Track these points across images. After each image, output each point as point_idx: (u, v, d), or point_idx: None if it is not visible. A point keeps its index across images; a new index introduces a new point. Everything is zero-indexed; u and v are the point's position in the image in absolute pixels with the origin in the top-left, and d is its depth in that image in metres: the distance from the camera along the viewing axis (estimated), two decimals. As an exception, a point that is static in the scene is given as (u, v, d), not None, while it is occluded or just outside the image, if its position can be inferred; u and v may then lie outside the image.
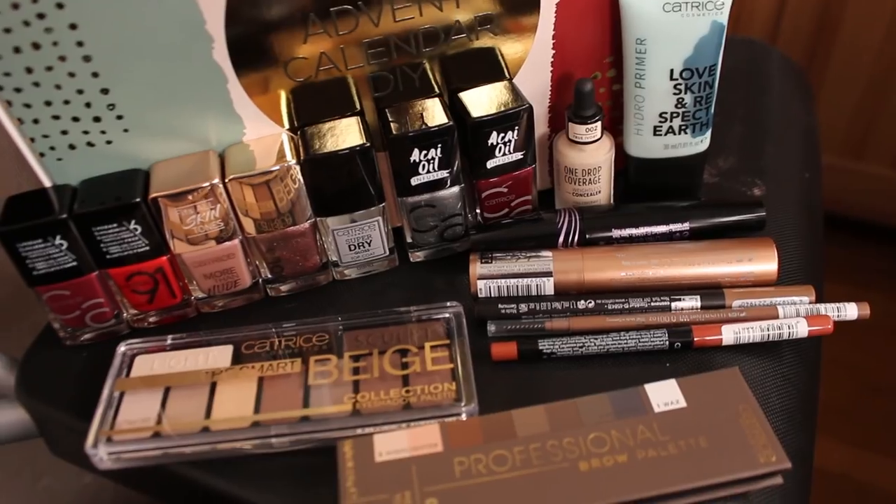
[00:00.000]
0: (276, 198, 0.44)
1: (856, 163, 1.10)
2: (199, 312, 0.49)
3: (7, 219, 0.43)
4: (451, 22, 0.43)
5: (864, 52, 0.99)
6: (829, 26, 0.99)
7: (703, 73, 0.45)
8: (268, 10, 0.40)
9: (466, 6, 0.43)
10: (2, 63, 0.39)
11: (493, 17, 0.44)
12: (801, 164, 0.55)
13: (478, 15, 0.43)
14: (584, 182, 0.47)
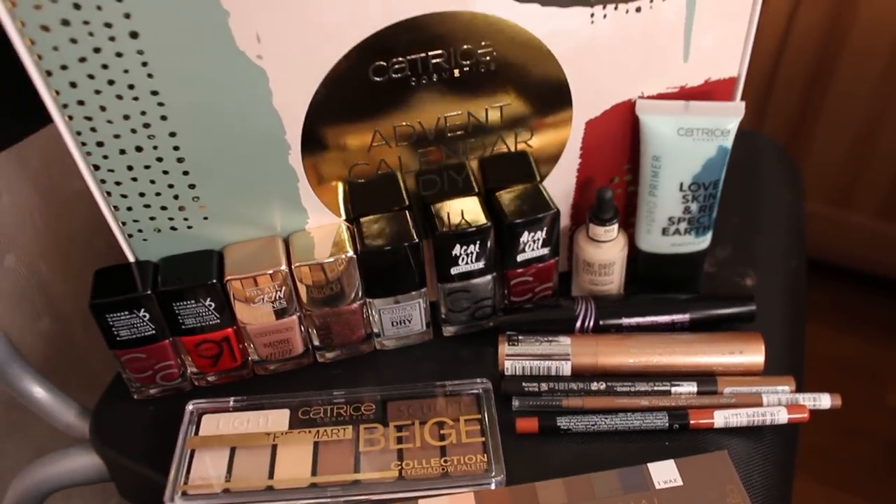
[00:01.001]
0: (333, 282, 0.50)
1: (841, 212, 1.17)
2: (253, 374, 0.55)
3: (98, 292, 0.49)
4: (495, 136, 0.50)
5: (854, 104, 1.06)
6: (821, 77, 1.06)
7: (709, 187, 0.52)
8: (340, 127, 0.47)
9: (510, 126, 0.50)
10: (108, 161, 0.45)
11: (532, 131, 0.50)
12: (789, 253, 0.63)
13: (519, 130, 0.50)
14: (599, 274, 0.54)
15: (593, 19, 0.46)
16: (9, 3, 0.39)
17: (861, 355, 1.16)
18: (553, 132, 0.50)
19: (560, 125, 0.50)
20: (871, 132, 1.07)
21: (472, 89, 0.47)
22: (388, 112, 0.47)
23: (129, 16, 0.40)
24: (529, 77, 0.47)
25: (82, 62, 0.41)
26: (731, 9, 0.48)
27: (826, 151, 1.12)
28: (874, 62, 1.02)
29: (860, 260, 1.20)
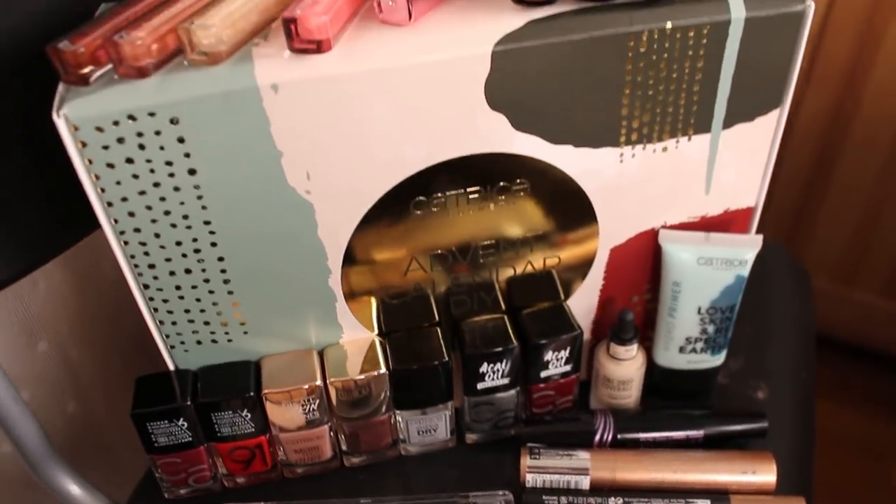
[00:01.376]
0: (365, 395, 0.52)
1: (846, 289, 1.20)
2: (282, 476, 0.57)
3: (139, 401, 0.51)
4: (525, 259, 0.52)
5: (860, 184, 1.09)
6: (826, 161, 1.10)
7: (725, 311, 0.54)
8: (379, 254, 0.49)
9: (539, 251, 0.52)
10: (157, 281, 0.48)
11: (559, 256, 0.53)
12: (799, 364, 0.65)
13: (547, 254, 0.53)
14: (618, 389, 0.56)
15: (622, 158, 0.49)
16: (79, 143, 0.41)
17: (864, 432, 1.18)
18: (579, 257, 0.53)
19: (586, 251, 0.53)
20: (876, 210, 1.11)
21: (505, 219, 0.50)
22: (425, 241, 0.49)
23: (188, 155, 0.43)
24: (560, 209, 0.50)
25: (142, 195, 0.44)
26: (751, 146, 0.51)
27: (832, 229, 1.15)
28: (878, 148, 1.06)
29: (864, 337, 1.22)
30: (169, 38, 0.42)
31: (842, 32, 1.03)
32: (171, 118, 0.41)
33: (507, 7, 0.44)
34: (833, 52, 1.04)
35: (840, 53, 1.05)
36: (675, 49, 0.45)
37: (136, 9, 0.44)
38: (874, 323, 1.22)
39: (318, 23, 0.40)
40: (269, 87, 0.41)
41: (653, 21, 0.44)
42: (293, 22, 0.40)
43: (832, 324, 1.20)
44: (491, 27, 0.43)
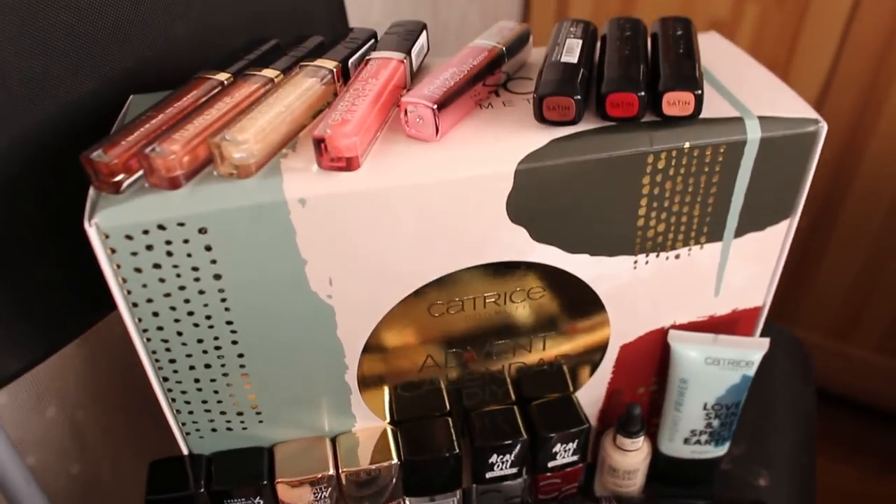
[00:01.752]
0: (376, 484, 0.53)
1: (842, 344, 1.22)
2: (290, 557, 0.57)
3: (153, 487, 0.52)
4: (537, 355, 0.53)
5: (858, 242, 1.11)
6: (827, 215, 1.11)
7: (731, 407, 0.55)
8: (395, 352, 0.50)
9: (551, 347, 0.53)
10: (177, 375, 0.48)
11: (571, 357, 0.54)
12: (799, 448, 0.66)
13: (559, 351, 0.54)
14: (623, 478, 0.57)
15: (636, 265, 0.50)
16: (108, 250, 0.42)
17: (858, 486, 1.19)
18: (589, 353, 0.54)
19: (597, 347, 0.54)
20: (873, 267, 1.13)
21: (520, 319, 0.51)
22: (440, 339, 0.50)
23: (215, 261, 0.44)
24: (573, 309, 0.51)
25: (167, 297, 0.45)
26: (761, 253, 0.52)
27: (829, 285, 1.16)
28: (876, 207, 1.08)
29: (858, 391, 1.24)
30: (200, 149, 0.43)
31: (844, 94, 1.05)
32: (200, 228, 0.42)
33: (529, 124, 0.45)
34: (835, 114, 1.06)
35: (842, 115, 1.07)
36: (692, 165, 0.46)
37: (167, 114, 0.45)
38: (868, 377, 1.24)
39: (347, 143, 0.41)
40: (297, 201, 0.42)
41: (672, 141, 0.45)
42: (323, 141, 0.41)
43: (827, 377, 1.22)
44: (515, 145, 0.44)
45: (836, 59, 1.07)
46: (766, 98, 0.48)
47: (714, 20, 1.13)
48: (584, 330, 0.53)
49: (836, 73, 1.08)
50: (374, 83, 0.45)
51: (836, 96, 1.09)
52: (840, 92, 1.08)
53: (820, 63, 1.08)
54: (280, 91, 0.45)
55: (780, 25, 1.08)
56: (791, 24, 1.07)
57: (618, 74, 0.44)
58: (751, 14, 1.10)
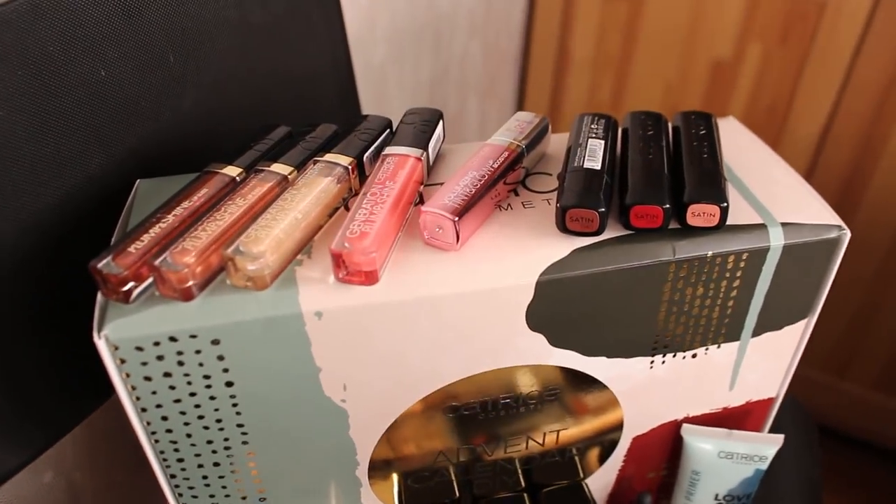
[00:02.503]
0: (384, 575, 0.53)
1: (839, 381, 1.22)
2: None
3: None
4: (548, 448, 0.53)
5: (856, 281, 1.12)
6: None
7: (742, 498, 0.55)
8: (407, 449, 0.49)
9: (564, 439, 0.53)
10: (185, 472, 0.47)
11: (582, 448, 0.53)
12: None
13: (571, 446, 0.53)
14: (633, 564, 0.57)
15: (652, 365, 0.49)
16: (118, 360, 0.41)
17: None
18: (601, 444, 0.53)
19: (609, 439, 0.53)
20: (870, 307, 1.13)
21: (534, 416, 0.50)
22: (453, 438, 0.49)
23: (227, 370, 0.42)
24: (587, 408, 0.50)
25: (177, 402, 0.43)
26: (777, 350, 0.51)
27: (827, 322, 1.17)
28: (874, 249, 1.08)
29: (854, 428, 1.25)
30: (213, 257, 0.42)
31: (846, 134, 1.05)
32: (213, 339, 0.41)
33: (550, 231, 0.44)
34: (835, 154, 1.06)
35: (842, 155, 1.06)
36: (713, 272, 0.45)
37: (178, 216, 0.44)
38: (865, 414, 1.24)
39: (367, 259, 0.40)
40: (313, 313, 0.41)
41: (695, 251, 0.44)
42: (341, 256, 0.40)
43: (823, 413, 1.22)
44: (536, 255, 0.43)
45: (838, 98, 1.07)
46: (789, 201, 0.47)
47: (717, 60, 1.12)
48: (596, 423, 0.52)
49: (837, 112, 1.08)
50: (391, 186, 0.44)
51: (838, 136, 1.08)
52: (841, 132, 1.07)
53: (822, 103, 1.08)
54: (294, 192, 0.44)
55: (782, 65, 1.07)
56: (794, 64, 1.06)
57: (642, 185, 0.43)
58: (753, 54, 1.09)
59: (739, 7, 1.06)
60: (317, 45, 0.63)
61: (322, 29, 0.63)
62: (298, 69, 0.61)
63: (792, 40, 1.06)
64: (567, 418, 0.51)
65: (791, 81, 1.08)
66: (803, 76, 1.07)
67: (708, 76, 1.14)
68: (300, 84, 0.62)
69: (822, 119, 1.09)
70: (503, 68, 1.19)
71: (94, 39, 0.46)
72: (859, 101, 1.05)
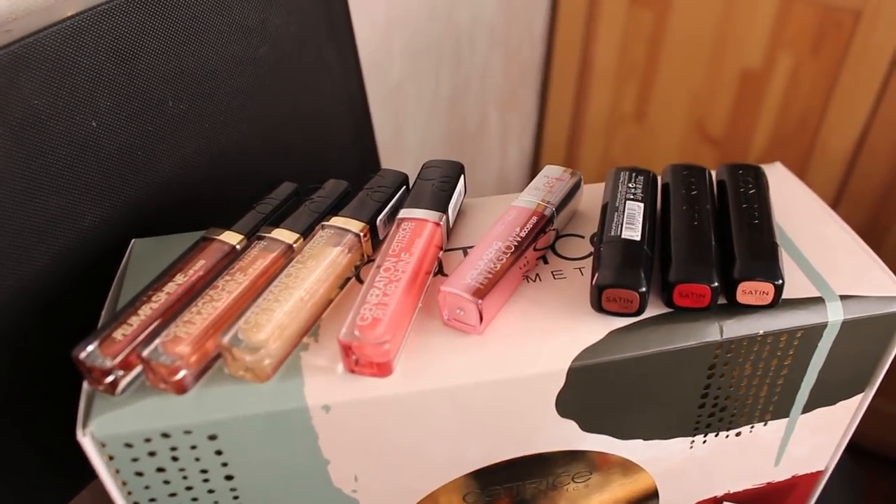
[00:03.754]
0: None
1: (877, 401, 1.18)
2: None
3: None
4: None
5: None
6: None
7: (787, 578, 0.50)
8: None
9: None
10: None
11: None
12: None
13: None
14: None
15: (692, 445, 0.45)
16: (106, 457, 0.37)
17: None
18: None
19: None
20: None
21: (564, 500, 0.46)
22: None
23: (226, 464, 0.39)
24: (621, 489, 0.46)
25: (172, 496, 0.40)
26: (829, 424, 0.47)
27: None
28: None
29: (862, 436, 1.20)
30: (210, 343, 0.37)
31: (882, 145, 0.99)
32: (209, 435, 0.37)
33: (583, 308, 0.40)
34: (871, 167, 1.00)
35: (878, 168, 1.01)
36: (763, 351, 0.41)
37: (171, 295, 0.40)
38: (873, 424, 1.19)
39: (379, 350, 0.36)
40: (320, 407, 0.37)
41: (745, 331, 0.39)
42: (350, 348, 0.36)
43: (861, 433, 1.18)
44: (568, 338, 0.38)
45: (874, 110, 1.01)
46: (848, 270, 0.42)
47: (746, 70, 1.06)
48: (629, 497, 0.48)
49: (873, 124, 1.02)
50: (407, 259, 0.39)
51: (873, 148, 1.03)
52: (877, 144, 1.02)
53: (857, 114, 1.03)
54: (300, 267, 0.40)
55: (815, 75, 1.02)
56: (827, 74, 1.00)
57: (688, 260, 0.39)
58: (784, 63, 1.03)
59: (770, 15, 1.01)
60: (329, 78, 0.58)
61: (334, 62, 0.58)
62: (309, 105, 0.57)
63: (825, 50, 1.00)
64: (598, 499, 0.47)
65: (824, 92, 1.03)
66: (837, 87, 1.02)
67: (736, 86, 1.08)
68: (311, 121, 0.58)
69: (856, 131, 1.03)
70: (525, 79, 1.14)
71: (84, 89, 0.42)
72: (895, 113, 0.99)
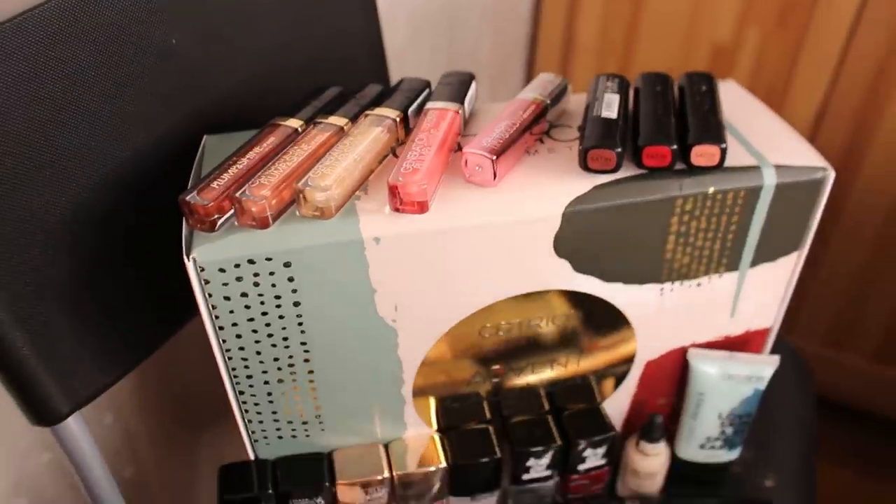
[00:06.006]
0: (425, 485, 0.59)
1: (837, 353, 1.29)
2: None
3: (225, 488, 0.58)
4: (570, 371, 0.60)
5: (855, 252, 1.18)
6: (823, 230, 1.18)
7: (743, 417, 0.62)
8: (446, 368, 0.56)
9: (585, 363, 0.60)
10: (252, 388, 0.54)
11: (600, 371, 0.60)
12: (803, 453, 0.73)
13: (590, 368, 0.60)
14: (644, 479, 0.64)
15: (663, 292, 0.56)
16: (203, 281, 0.48)
17: (853, 489, 1.27)
18: (617, 369, 0.60)
19: (624, 364, 0.60)
20: (869, 279, 1.19)
21: (559, 340, 0.57)
22: (488, 358, 0.56)
23: (295, 291, 0.49)
24: (605, 332, 0.57)
25: (250, 321, 0.50)
26: (773, 281, 0.58)
27: (826, 295, 1.23)
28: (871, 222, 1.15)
29: (853, 398, 1.31)
30: (286, 192, 0.49)
31: (842, 111, 1.11)
32: (285, 262, 0.48)
33: (573, 170, 0.51)
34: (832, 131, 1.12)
35: (839, 132, 1.13)
36: (714, 207, 0.52)
37: (251, 159, 0.51)
38: (863, 385, 1.30)
39: (419, 189, 0.47)
40: (371, 239, 0.48)
41: (698, 187, 0.51)
42: (397, 188, 0.47)
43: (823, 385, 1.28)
44: (562, 190, 0.50)
45: (833, 79, 1.13)
46: (780, 147, 0.54)
47: (717, 45, 1.19)
48: (613, 348, 0.59)
49: (833, 93, 1.14)
50: (435, 133, 0.51)
51: (834, 116, 1.15)
52: (837, 112, 1.14)
53: (818, 84, 1.15)
54: (351, 139, 0.51)
55: (780, 48, 1.14)
56: (790, 47, 1.13)
57: (653, 129, 0.50)
58: (752, 38, 1.16)
59: (738, -7, 1.14)
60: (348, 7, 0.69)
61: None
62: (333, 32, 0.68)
63: (789, 24, 1.13)
64: (587, 342, 0.58)
65: (788, 64, 1.15)
66: (800, 59, 1.14)
67: (709, 61, 1.21)
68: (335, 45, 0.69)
69: (818, 100, 1.15)
70: (512, 55, 1.26)
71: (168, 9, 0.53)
72: (854, 82, 1.12)
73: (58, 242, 0.50)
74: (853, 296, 1.22)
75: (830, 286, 1.22)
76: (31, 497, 0.71)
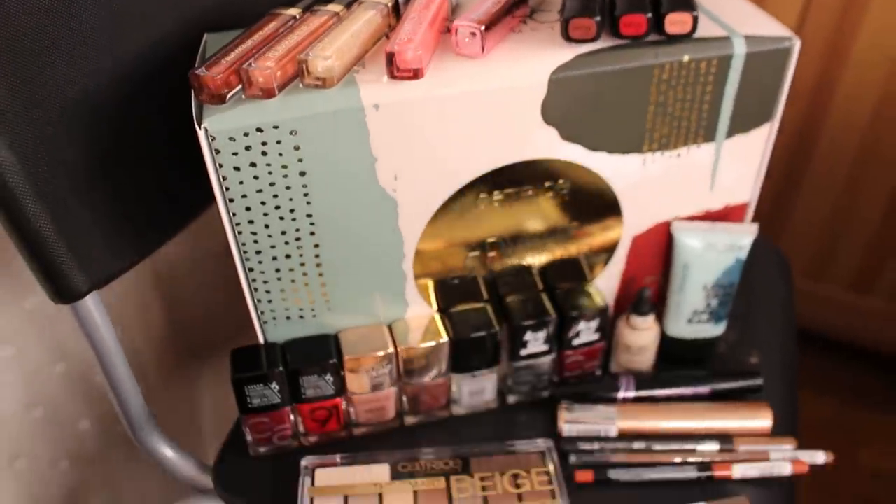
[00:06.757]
0: (428, 361, 0.63)
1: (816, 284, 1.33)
2: (350, 436, 0.67)
3: (238, 368, 0.61)
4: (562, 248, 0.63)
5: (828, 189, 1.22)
6: (798, 164, 1.22)
7: (727, 287, 0.66)
8: (445, 241, 0.60)
9: (575, 240, 0.63)
10: (261, 265, 0.57)
11: (591, 248, 0.64)
12: (784, 334, 0.77)
13: (581, 245, 0.64)
14: (636, 354, 0.68)
15: (645, 162, 0.60)
16: (214, 150, 0.51)
17: (835, 417, 1.31)
18: (606, 244, 0.64)
19: (612, 239, 0.64)
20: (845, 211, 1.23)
21: (550, 212, 0.60)
22: (483, 230, 0.60)
23: (301, 160, 0.53)
24: (593, 204, 0.61)
25: (258, 192, 0.54)
26: (747, 153, 0.62)
27: (803, 228, 1.27)
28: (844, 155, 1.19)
29: (833, 329, 1.36)
30: (289, 66, 0.52)
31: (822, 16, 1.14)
32: (291, 130, 0.51)
33: (557, 43, 0.54)
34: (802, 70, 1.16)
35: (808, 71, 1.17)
36: (689, 76, 0.56)
37: (254, 41, 0.54)
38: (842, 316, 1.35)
39: (414, 56, 0.50)
40: (371, 106, 0.51)
41: (673, 55, 0.55)
42: (393, 55, 0.50)
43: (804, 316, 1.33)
44: (547, 59, 0.53)
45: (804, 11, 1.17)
46: (748, 21, 0.58)
47: None
48: (602, 223, 0.63)
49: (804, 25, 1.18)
50: (426, 13, 0.54)
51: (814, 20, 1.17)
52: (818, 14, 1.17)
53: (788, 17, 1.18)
54: (347, 21, 0.54)
55: None
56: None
57: (628, 0, 0.54)
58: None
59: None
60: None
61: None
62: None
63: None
64: (576, 214, 0.62)
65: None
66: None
67: None
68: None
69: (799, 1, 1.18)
70: None
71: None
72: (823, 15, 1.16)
73: (74, 122, 0.53)
74: (829, 225, 1.26)
75: (807, 220, 1.26)
76: (46, 406, 0.73)
